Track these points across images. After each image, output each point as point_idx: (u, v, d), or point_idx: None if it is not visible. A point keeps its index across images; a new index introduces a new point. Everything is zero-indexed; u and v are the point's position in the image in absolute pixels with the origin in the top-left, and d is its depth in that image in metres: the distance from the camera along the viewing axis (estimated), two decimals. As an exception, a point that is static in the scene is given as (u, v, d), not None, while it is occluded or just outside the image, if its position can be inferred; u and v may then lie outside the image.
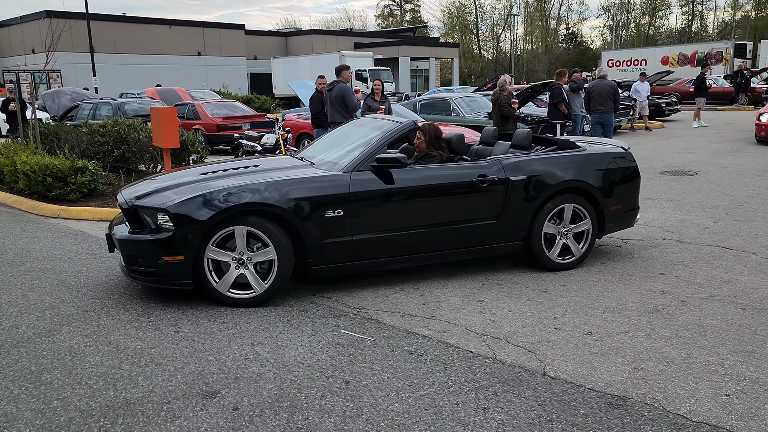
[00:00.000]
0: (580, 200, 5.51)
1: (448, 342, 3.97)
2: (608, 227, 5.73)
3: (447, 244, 5.18)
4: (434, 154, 5.53)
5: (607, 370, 3.55)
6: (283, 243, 4.59)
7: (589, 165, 5.55)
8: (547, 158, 5.48)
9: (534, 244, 5.41)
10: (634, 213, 5.94)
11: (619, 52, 47.16)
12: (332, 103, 9.21)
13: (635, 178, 5.83)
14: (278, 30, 52.44)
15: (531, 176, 5.32)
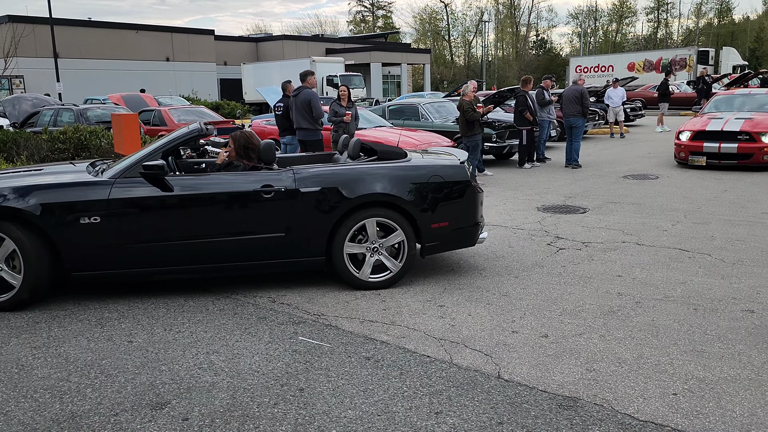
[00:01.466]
0: (393, 215, 5.09)
1: (406, 347, 3.98)
2: (432, 246, 5.28)
3: (230, 257, 4.91)
4: (237, 164, 5.29)
5: (560, 372, 3.59)
6: (30, 248, 4.55)
7: (404, 178, 5.12)
8: (350, 170, 5.11)
9: (336, 261, 5.06)
10: (472, 231, 5.47)
11: (586, 59, 48.00)
12: (298, 109, 9.18)
13: (468, 194, 5.37)
14: (249, 35, 52.17)
15: (326, 188, 4.97)
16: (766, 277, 5.24)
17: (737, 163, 10.87)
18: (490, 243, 6.64)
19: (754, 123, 10.94)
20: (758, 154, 10.71)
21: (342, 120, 10.41)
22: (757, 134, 10.71)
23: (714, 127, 11.16)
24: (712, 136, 11.14)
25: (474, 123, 10.60)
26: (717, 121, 11.32)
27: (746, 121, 11.02)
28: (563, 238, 6.81)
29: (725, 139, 10.98)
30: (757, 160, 10.73)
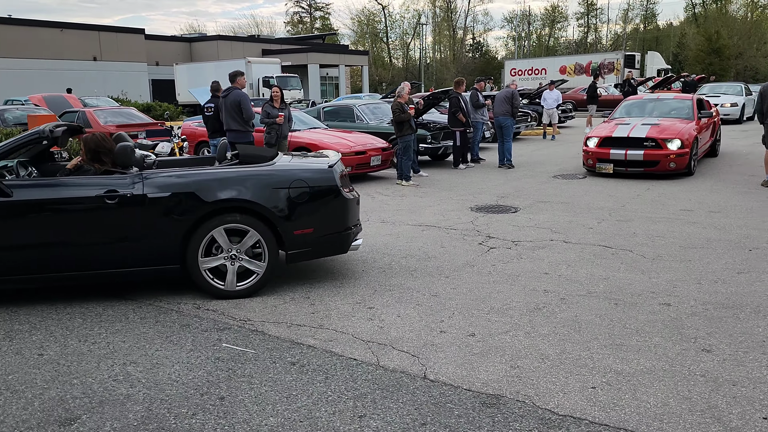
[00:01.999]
0: (252, 222, 4.87)
1: (332, 351, 3.92)
2: (297, 254, 5.07)
3: (77, 266, 4.70)
4: (88, 168, 5.06)
5: (485, 370, 3.62)
6: None
7: (263, 183, 4.91)
8: (205, 174, 4.88)
9: (195, 276, 4.85)
10: (344, 237, 5.28)
11: (521, 62, 49.18)
12: (227, 110, 8.98)
13: (335, 200, 5.17)
14: (182, 35, 50.86)
15: (177, 194, 4.75)
16: (683, 272, 5.46)
17: (644, 170, 10.43)
18: (422, 244, 6.66)
19: (661, 129, 10.57)
20: (664, 161, 10.27)
21: (274, 122, 10.26)
22: (662, 141, 10.29)
23: (620, 133, 10.69)
24: (618, 143, 10.66)
25: (404, 124, 10.64)
26: (624, 127, 10.86)
27: (653, 127, 10.63)
28: (494, 237, 6.91)
29: (632, 145, 10.51)
30: (663, 167, 10.30)
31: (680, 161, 10.25)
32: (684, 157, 10.27)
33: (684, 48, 60.47)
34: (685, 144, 10.24)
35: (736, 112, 21.31)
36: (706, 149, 12.18)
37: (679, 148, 10.21)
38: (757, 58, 53.49)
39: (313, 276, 5.57)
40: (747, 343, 3.93)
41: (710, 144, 12.62)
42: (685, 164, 10.31)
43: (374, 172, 11.53)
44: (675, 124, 10.82)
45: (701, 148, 11.50)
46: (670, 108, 11.96)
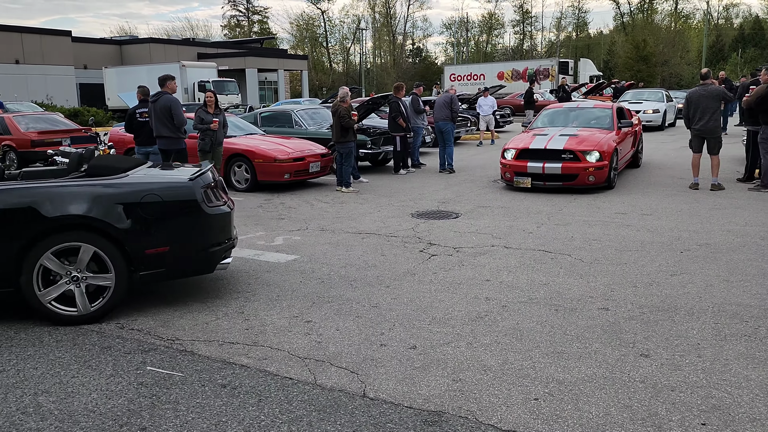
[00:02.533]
0: (88, 237, 4.44)
1: (267, 370, 3.71)
2: (150, 275, 4.66)
3: None
4: None
5: (426, 385, 3.49)
6: None
7: (109, 198, 4.50)
8: (42, 189, 4.44)
9: (32, 302, 4.41)
10: (209, 255, 4.88)
11: (460, 67, 49.91)
12: (157, 116, 8.58)
13: (195, 216, 4.75)
14: (112, 38, 49.06)
15: (6, 210, 4.32)
16: (619, 275, 5.52)
17: (562, 184, 9.64)
18: (362, 252, 6.51)
19: (579, 140, 9.80)
20: (583, 174, 9.47)
21: (208, 128, 9.91)
22: (581, 152, 9.52)
23: (538, 144, 9.88)
24: (536, 155, 9.85)
25: (349, 130, 10.49)
26: (541, 138, 10.08)
27: (571, 138, 9.84)
28: (436, 244, 6.84)
29: (549, 158, 9.71)
30: (582, 181, 9.51)
31: (599, 174, 9.53)
32: (603, 170, 9.55)
33: (614, 55, 62.87)
34: (604, 156, 9.54)
35: (659, 119, 21.28)
36: (627, 160, 11.53)
37: (597, 160, 9.47)
38: (681, 66, 56.18)
39: (248, 289, 5.33)
40: (683, 346, 3.96)
41: (632, 155, 11.94)
42: (605, 178, 9.61)
43: (313, 178, 11.32)
44: (594, 135, 10.10)
45: (622, 159, 10.78)
46: (590, 117, 11.26)
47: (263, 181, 10.55)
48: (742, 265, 5.69)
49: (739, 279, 5.31)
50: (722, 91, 9.67)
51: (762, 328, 4.23)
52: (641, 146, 12.77)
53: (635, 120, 12.38)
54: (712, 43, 60.50)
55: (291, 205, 9.37)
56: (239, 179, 10.77)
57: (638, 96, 22.76)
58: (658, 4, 71.63)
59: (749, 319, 4.38)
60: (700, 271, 5.58)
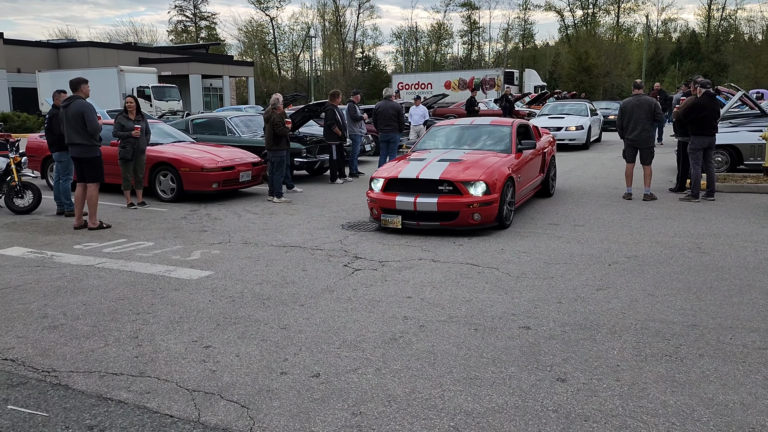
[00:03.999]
0: None
1: (146, 406, 3.31)
2: None
3: None
4: None
5: (322, 420, 3.16)
6: None
7: None
8: None
9: None
10: None
11: (408, 76, 50.09)
12: (69, 122, 7.99)
13: None
14: (48, 41, 47.13)
15: None
16: (545, 290, 5.32)
17: (440, 225, 7.40)
18: (283, 267, 6.14)
19: (463, 167, 7.60)
20: (465, 212, 7.22)
21: (130, 134, 9.38)
22: (462, 183, 7.30)
23: (409, 173, 7.62)
24: (408, 186, 7.60)
25: (282, 138, 10.11)
26: (416, 164, 7.84)
27: (452, 165, 7.67)
28: (362, 257, 6.53)
29: (424, 190, 7.48)
30: (464, 220, 7.30)
31: (487, 212, 7.31)
32: (492, 206, 7.32)
33: (558, 66, 64.24)
34: (492, 187, 7.32)
35: (582, 136, 18.07)
36: (533, 189, 9.39)
37: (484, 193, 7.27)
38: (623, 77, 57.79)
39: (150, 309, 4.90)
40: (601, 368, 3.75)
41: (540, 181, 9.72)
42: (494, 215, 7.41)
43: (244, 188, 10.87)
44: (483, 160, 7.91)
45: (523, 188, 8.58)
46: (484, 137, 8.98)
47: (190, 190, 10.04)
48: (668, 279, 5.59)
49: (664, 293, 5.18)
50: (654, 103, 9.73)
51: (683, 347, 4.07)
52: (554, 171, 10.44)
53: (545, 140, 10.22)
54: (651, 55, 62.59)
55: (217, 216, 8.91)
56: (164, 189, 10.23)
57: (558, 109, 20.04)
58: (601, 17, 73.82)
59: (671, 337, 4.23)
60: (626, 285, 5.45)
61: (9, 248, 7.01)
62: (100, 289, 5.46)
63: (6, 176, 9.20)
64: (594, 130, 19.27)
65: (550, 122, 18.18)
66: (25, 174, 9.36)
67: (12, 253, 6.81)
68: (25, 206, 9.14)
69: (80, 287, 5.51)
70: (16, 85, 38.60)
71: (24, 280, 5.73)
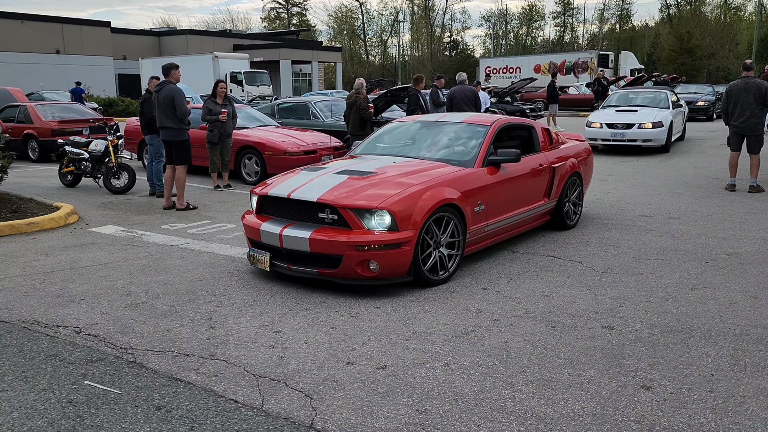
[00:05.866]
0: None
1: (213, 389, 3.33)
2: None
3: None
4: None
5: (385, 415, 3.06)
6: None
7: None
8: None
9: None
10: None
11: (496, 60, 48.90)
12: (161, 106, 8.29)
13: None
14: (151, 29, 49.64)
15: None
16: (633, 287, 4.96)
17: (317, 272, 4.89)
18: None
19: (365, 184, 5.15)
20: (352, 257, 4.72)
21: (217, 119, 9.63)
22: (351, 212, 4.83)
23: (284, 188, 5.28)
24: (281, 209, 5.29)
25: (367, 122, 10.08)
26: (306, 175, 5.52)
27: (352, 179, 5.25)
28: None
29: (302, 216, 5.12)
30: (351, 270, 4.77)
31: (392, 259, 4.76)
32: (401, 251, 4.76)
33: (657, 48, 60.73)
34: (402, 221, 4.79)
35: (660, 136, 13.34)
36: (527, 221, 6.33)
37: (389, 229, 4.79)
38: (729, 59, 53.85)
39: (226, 291, 4.97)
40: (692, 377, 3.43)
41: (547, 208, 6.64)
42: (406, 265, 4.85)
43: (326, 172, 10.91)
44: (414, 175, 5.34)
45: (496, 221, 5.76)
46: (446, 139, 6.27)
47: (273, 174, 10.20)
48: (774, 280, 5.07)
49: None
50: (765, 86, 8.87)
51: (789, 357, 3.65)
52: (578, 193, 7.19)
53: (567, 149, 7.13)
54: (764, 35, 57.83)
55: (297, 201, 8.99)
56: (249, 172, 10.46)
57: (629, 100, 15.14)
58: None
59: (775, 346, 3.81)
60: (724, 285, 4.99)
61: (103, 227, 7.38)
62: (180, 269, 5.61)
63: (105, 158, 9.71)
64: (677, 126, 14.69)
65: (617, 117, 13.81)
66: (121, 156, 9.84)
67: (106, 231, 7.15)
68: (121, 186, 9.61)
69: (163, 266, 5.69)
70: (122, 72, 40.97)
71: (113, 258, 5.99)
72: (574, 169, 7.06)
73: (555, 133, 7.27)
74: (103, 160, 9.75)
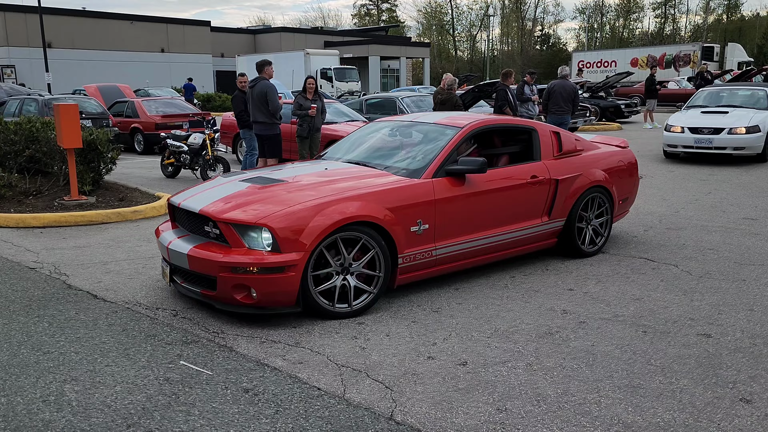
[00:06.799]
0: None
1: (297, 376, 3.44)
2: None
3: None
4: None
5: (465, 412, 3.05)
6: None
7: None
8: None
9: None
10: None
11: (590, 54, 47.16)
12: (254, 101, 8.64)
13: None
14: (247, 27, 51.60)
15: None
16: (733, 294, 4.67)
17: (201, 293, 4.32)
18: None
19: (259, 196, 4.44)
20: (227, 280, 4.08)
21: (307, 114, 9.88)
22: (231, 227, 4.19)
23: (180, 197, 4.86)
24: (181, 219, 4.82)
25: (454, 117, 10.02)
26: (224, 180, 5.02)
27: (252, 188, 4.61)
28: (523, 243, 6.25)
29: (195, 228, 4.58)
30: (227, 294, 4.13)
31: (274, 285, 4.04)
32: (286, 276, 4.03)
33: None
34: (284, 242, 4.05)
35: (756, 143, 11.12)
36: (512, 244, 5.26)
37: (272, 250, 4.08)
38: None
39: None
40: (799, 393, 3.19)
41: (550, 230, 5.50)
42: (293, 293, 4.11)
43: (411, 167, 10.95)
44: (331, 185, 4.57)
45: (431, 248, 4.68)
46: (409, 142, 5.51)
47: (359, 169, 10.36)
48: None
49: None
50: None
51: None
52: (602, 212, 5.88)
53: (576, 158, 5.75)
54: None
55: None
56: (336, 166, 10.66)
57: (721, 99, 12.79)
58: (830, -19, 63.27)
59: None
60: (840, 296, 4.60)
61: (199, 216, 7.75)
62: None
63: (202, 150, 10.21)
64: None
65: (702, 120, 11.63)
66: (218, 149, 10.31)
67: (201, 220, 7.52)
68: (216, 179, 10.07)
69: (253, 256, 5.91)
70: (220, 68, 42.88)
71: (207, 246, 6.29)
72: (596, 182, 5.70)
73: (576, 138, 5.96)
74: (201, 152, 10.25)
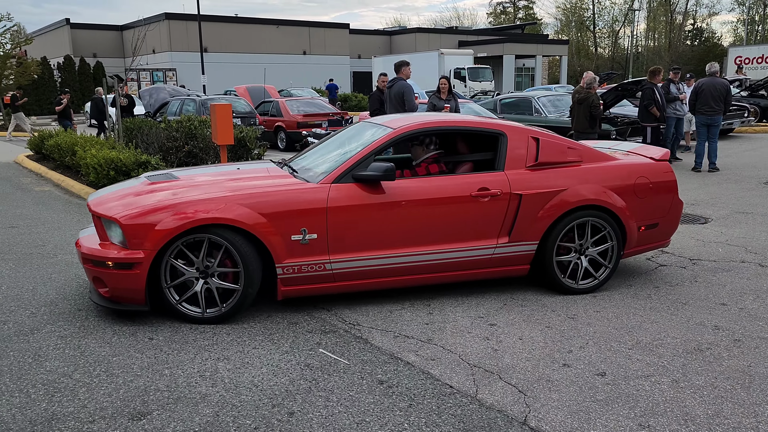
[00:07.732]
0: None
1: (430, 372, 3.49)
2: None
3: None
4: None
5: (603, 425, 2.93)
6: None
7: None
8: None
9: None
10: None
11: (749, 48, 42.93)
12: (391, 101, 8.84)
13: None
14: (383, 29, 52.79)
15: None
16: None
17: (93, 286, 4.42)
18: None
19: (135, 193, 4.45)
20: (90, 273, 4.25)
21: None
22: (99, 220, 4.28)
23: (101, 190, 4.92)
24: None
25: (596, 119, 9.63)
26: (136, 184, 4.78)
27: (141, 184, 4.66)
28: (668, 252, 5.88)
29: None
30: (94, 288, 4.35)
31: (122, 282, 4.04)
32: (132, 274, 4.01)
33: None
34: (132, 239, 4.01)
35: None
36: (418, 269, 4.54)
37: (121, 246, 4.08)
38: None
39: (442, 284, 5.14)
40: None
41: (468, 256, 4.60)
42: (140, 292, 4.05)
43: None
44: (202, 186, 4.40)
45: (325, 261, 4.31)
46: (346, 144, 5.02)
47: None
48: None
49: None
50: None
51: None
52: (600, 237, 4.78)
53: (562, 171, 4.74)
54: None
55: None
56: (469, 166, 10.63)
57: None
58: None
59: None
60: None
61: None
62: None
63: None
64: None
65: None
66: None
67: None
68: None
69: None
70: (356, 69, 44.27)
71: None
72: (587, 201, 4.65)
73: (570, 147, 4.87)
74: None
